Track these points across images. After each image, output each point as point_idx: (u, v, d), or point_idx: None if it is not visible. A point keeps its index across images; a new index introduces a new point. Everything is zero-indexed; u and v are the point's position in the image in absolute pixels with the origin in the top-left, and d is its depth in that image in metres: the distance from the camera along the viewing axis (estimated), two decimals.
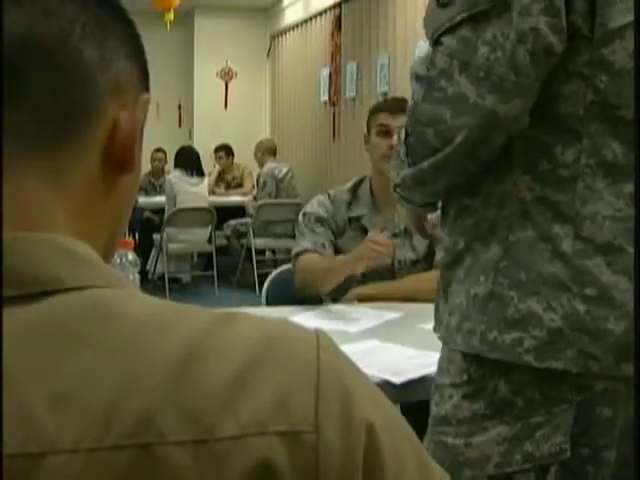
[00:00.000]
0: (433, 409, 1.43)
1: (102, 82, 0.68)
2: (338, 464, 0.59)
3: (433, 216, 1.62)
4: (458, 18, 1.25)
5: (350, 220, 3.04)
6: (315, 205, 3.05)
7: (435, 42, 1.30)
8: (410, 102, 1.38)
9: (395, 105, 3.09)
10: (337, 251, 3.00)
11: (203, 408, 0.58)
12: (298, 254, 2.95)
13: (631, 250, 1.24)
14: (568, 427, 1.27)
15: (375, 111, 3.14)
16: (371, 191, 3.08)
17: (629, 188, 1.25)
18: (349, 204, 3.06)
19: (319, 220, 3.00)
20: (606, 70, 1.24)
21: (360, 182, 3.13)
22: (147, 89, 0.75)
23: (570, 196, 1.27)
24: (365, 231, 3.01)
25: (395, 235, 3.02)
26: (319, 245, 2.95)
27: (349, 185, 3.12)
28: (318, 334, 0.65)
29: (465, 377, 1.35)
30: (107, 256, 0.74)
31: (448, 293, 1.41)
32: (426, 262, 3.01)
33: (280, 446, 0.58)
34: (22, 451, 0.55)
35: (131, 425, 0.56)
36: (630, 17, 1.22)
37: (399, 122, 2.95)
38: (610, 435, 1.29)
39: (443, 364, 1.42)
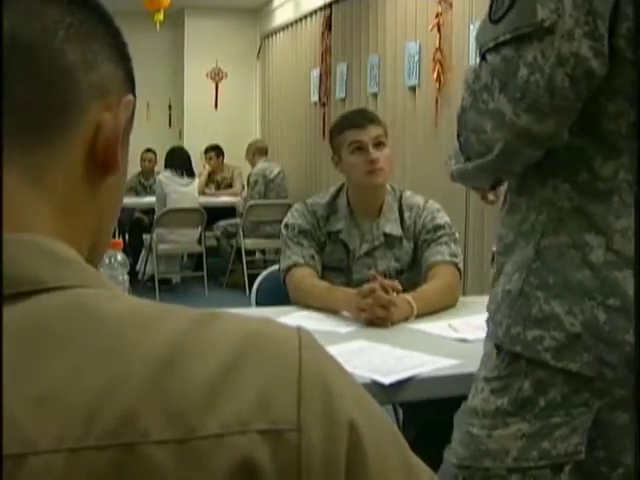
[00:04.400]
0: (468, 399, 1.51)
1: (85, 83, 0.68)
2: (320, 462, 0.59)
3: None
4: (502, 38, 1.30)
5: (330, 234, 2.99)
6: (297, 216, 2.99)
7: (482, 57, 1.36)
8: (459, 105, 1.43)
9: (361, 119, 3.00)
10: None
11: (185, 407, 0.58)
12: (289, 268, 2.91)
13: None
14: (585, 430, 1.33)
15: (340, 130, 3.00)
16: (349, 204, 3.02)
17: None
18: (327, 218, 3.00)
19: (303, 232, 2.95)
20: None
21: (337, 193, 3.06)
22: (132, 92, 0.76)
23: (605, 208, 1.32)
24: (344, 245, 2.98)
25: (375, 248, 2.98)
26: (309, 258, 2.92)
27: (327, 198, 3.04)
28: (300, 332, 0.65)
29: (496, 373, 1.42)
30: (94, 258, 0.74)
31: (496, 282, 1.49)
32: (411, 271, 2.98)
33: (262, 444, 0.58)
34: (3, 452, 0.54)
35: (113, 425, 0.56)
36: None
37: (372, 133, 2.92)
38: (625, 439, 1.33)
39: (483, 358, 1.49)
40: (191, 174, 8.08)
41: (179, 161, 8.00)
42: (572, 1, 1.24)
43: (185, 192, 7.85)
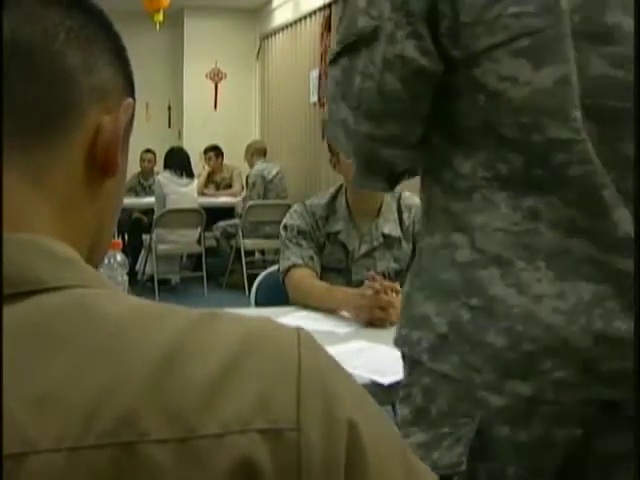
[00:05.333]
0: None
1: (85, 86, 0.69)
2: (320, 461, 0.59)
3: None
4: (337, 49, 1.32)
5: (329, 235, 3.00)
6: (296, 217, 3.00)
7: (329, 68, 1.37)
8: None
9: None
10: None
11: (185, 407, 0.58)
12: (288, 268, 2.91)
13: (521, 265, 1.23)
14: (469, 440, 1.26)
15: None
16: (347, 204, 3.02)
17: (530, 202, 1.23)
18: (326, 219, 3.01)
19: (301, 233, 2.96)
20: (481, 91, 1.24)
21: (336, 193, 3.06)
22: (132, 96, 0.77)
23: (466, 207, 1.29)
24: (343, 246, 2.99)
25: (374, 249, 2.98)
26: (308, 259, 2.92)
27: (326, 199, 3.05)
28: (299, 332, 0.66)
29: (403, 381, 1.40)
30: (94, 258, 0.75)
31: None
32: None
33: (262, 444, 0.58)
34: (3, 452, 0.55)
35: (112, 424, 0.56)
36: (496, 39, 1.21)
37: None
38: (511, 452, 1.24)
39: None
40: (190, 174, 8.08)
41: (178, 161, 8.00)
42: (390, 5, 1.23)
43: (184, 193, 7.85)
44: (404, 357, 1.39)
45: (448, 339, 1.28)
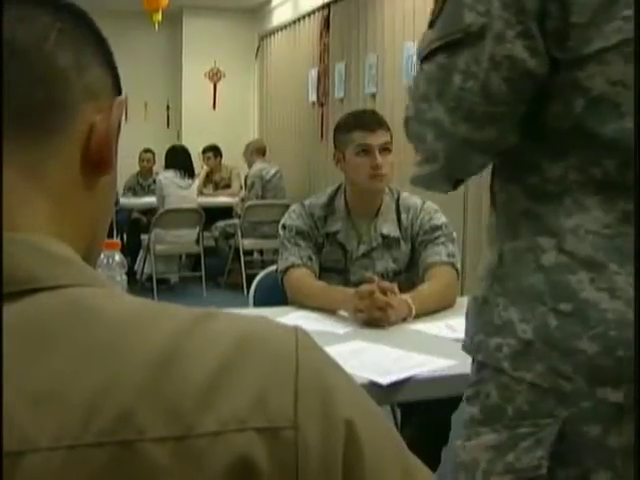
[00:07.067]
0: None
1: (77, 85, 0.71)
2: (317, 460, 0.60)
3: None
4: (434, 45, 1.26)
5: (327, 235, 2.99)
6: (294, 217, 2.99)
7: (421, 64, 1.31)
8: (404, 113, 1.37)
9: (373, 120, 2.98)
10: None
11: (182, 405, 0.58)
12: (287, 268, 2.91)
13: (614, 268, 1.20)
14: (550, 442, 1.23)
15: (349, 129, 2.97)
16: (346, 205, 3.02)
17: (622, 205, 1.21)
18: (324, 219, 3.00)
19: (300, 233, 2.95)
20: (582, 94, 1.21)
21: (335, 193, 3.06)
22: (120, 94, 0.78)
23: (555, 209, 1.26)
24: (342, 246, 2.98)
25: (373, 249, 2.98)
26: (306, 259, 2.91)
27: (324, 199, 3.04)
28: (297, 331, 0.66)
29: (470, 381, 1.36)
30: (91, 256, 0.75)
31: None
32: (409, 271, 2.98)
33: (259, 442, 0.59)
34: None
35: (111, 423, 0.57)
36: (609, 42, 1.18)
37: (381, 139, 2.91)
38: (600, 454, 1.22)
39: None
40: (192, 173, 8.07)
41: (180, 160, 7.99)
42: (500, 2, 1.19)
43: (184, 195, 7.84)
44: (474, 361, 1.36)
45: (533, 346, 1.24)
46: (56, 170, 0.69)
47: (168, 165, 8.04)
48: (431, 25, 1.28)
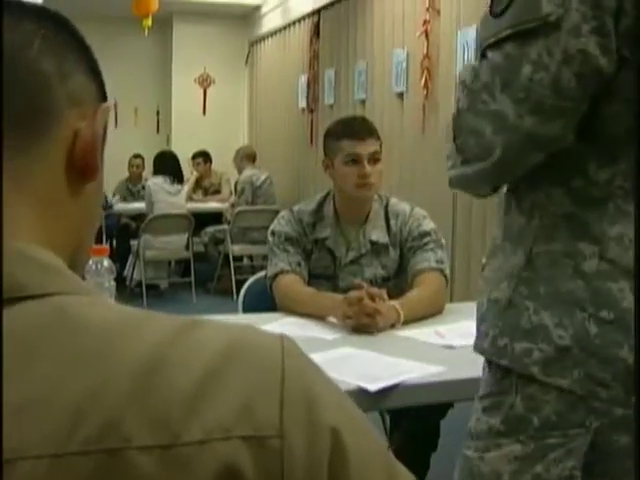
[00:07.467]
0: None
1: (61, 92, 0.71)
2: (303, 468, 0.60)
3: None
4: (504, 34, 1.22)
5: (316, 241, 2.99)
6: (283, 223, 2.99)
7: (482, 53, 1.28)
8: (455, 107, 1.34)
9: (363, 129, 2.95)
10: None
11: (168, 414, 0.58)
12: (276, 274, 2.90)
13: None
14: (582, 452, 1.23)
15: (338, 137, 2.95)
16: (335, 211, 3.01)
17: None
18: (313, 225, 3.00)
19: (289, 239, 2.95)
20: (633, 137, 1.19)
21: (324, 200, 3.05)
22: (105, 101, 0.78)
23: (599, 215, 1.25)
24: (331, 252, 2.98)
25: (362, 255, 2.98)
26: (295, 265, 2.91)
27: (313, 205, 3.04)
28: (283, 339, 0.66)
29: (488, 390, 1.34)
30: (77, 263, 0.75)
31: (481, 291, 1.41)
32: (398, 278, 2.98)
33: (245, 451, 0.59)
34: None
35: (96, 431, 0.57)
36: None
37: (370, 148, 2.89)
38: (627, 463, 1.22)
39: (482, 376, 1.41)
40: (181, 179, 8.06)
41: (169, 166, 7.98)
42: None
43: (173, 201, 7.83)
44: (491, 364, 1.34)
45: (570, 352, 1.23)
46: (41, 176, 0.69)
47: (157, 171, 8.03)
48: (499, 14, 1.23)
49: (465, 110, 1.30)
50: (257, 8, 10.10)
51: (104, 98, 0.78)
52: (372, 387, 1.98)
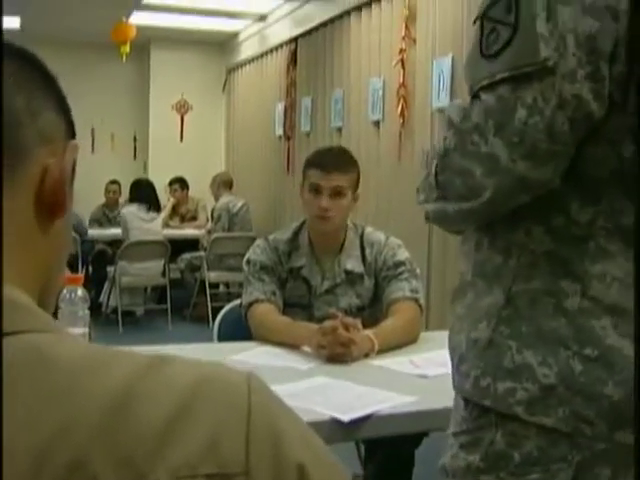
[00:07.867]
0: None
1: (31, 129, 0.71)
2: None
3: None
4: (499, 77, 1.21)
5: (291, 270, 2.99)
6: (258, 252, 2.99)
7: (474, 95, 1.26)
8: (440, 145, 1.33)
9: (331, 162, 2.94)
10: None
11: (135, 453, 0.58)
12: (251, 303, 2.90)
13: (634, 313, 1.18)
14: None
15: (309, 165, 2.99)
16: (310, 240, 3.02)
17: None
18: (289, 254, 3.00)
19: (264, 268, 2.95)
20: (635, 140, 1.19)
21: (299, 229, 3.05)
22: (74, 138, 0.78)
23: (581, 253, 1.24)
24: (306, 281, 2.98)
25: (337, 285, 2.98)
26: (270, 294, 2.91)
27: (288, 234, 3.04)
28: (249, 377, 0.66)
29: (464, 426, 1.33)
30: (46, 299, 0.75)
31: (452, 329, 1.39)
32: (373, 307, 2.98)
33: None
34: None
35: (64, 470, 0.57)
36: None
37: (333, 182, 2.89)
38: None
39: (452, 412, 1.39)
40: (157, 207, 8.05)
41: (145, 193, 7.97)
42: (575, 39, 1.16)
43: (147, 228, 7.81)
44: (468, 402, 1.32)
45: (555, 390, 1.23)
46: (10, 214, 0.69)
47: (133, 199, 8.02)
48: (491, 55, 1.22)
49: (452, 150, 1.29)
50: (235, 35, 10.14)
51: (73, 135, 0.78)
52: (345, 417, 1.98)
